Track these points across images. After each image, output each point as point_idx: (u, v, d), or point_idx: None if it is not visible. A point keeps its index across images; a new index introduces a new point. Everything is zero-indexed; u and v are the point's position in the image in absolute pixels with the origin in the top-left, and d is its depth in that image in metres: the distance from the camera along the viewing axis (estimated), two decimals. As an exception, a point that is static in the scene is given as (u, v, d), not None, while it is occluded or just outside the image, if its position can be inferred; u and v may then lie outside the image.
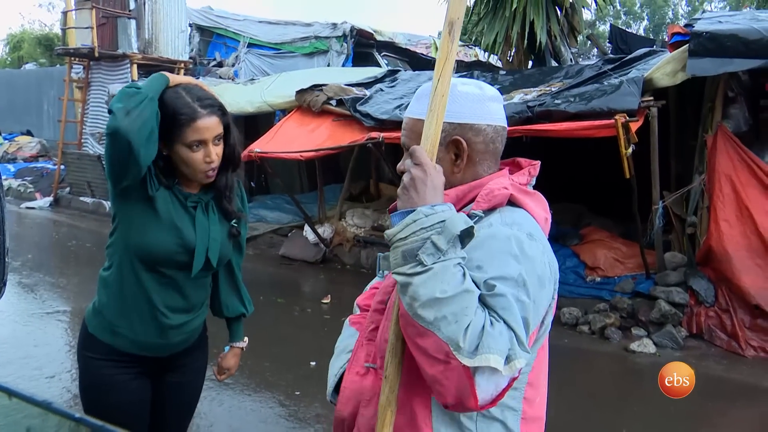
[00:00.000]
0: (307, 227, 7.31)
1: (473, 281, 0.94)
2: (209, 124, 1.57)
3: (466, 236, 0.94)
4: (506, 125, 1.16)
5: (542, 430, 1.15)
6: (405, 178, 1.00)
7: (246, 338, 1.96)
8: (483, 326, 0.90)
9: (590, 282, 5.54)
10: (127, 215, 1.63)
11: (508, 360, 0.90)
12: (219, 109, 1.61)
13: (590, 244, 5.88)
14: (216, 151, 1.60)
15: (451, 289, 0.91)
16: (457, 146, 1.10)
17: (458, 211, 1.04)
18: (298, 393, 3.72)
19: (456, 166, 1.12)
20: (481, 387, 0.90)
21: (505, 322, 0.91)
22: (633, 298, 5.11)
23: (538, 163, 1.17)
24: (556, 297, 1.09)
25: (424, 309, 0.91)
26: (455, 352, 0.89)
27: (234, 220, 1.76)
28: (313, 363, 4.08)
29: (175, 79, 1.62)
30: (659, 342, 4.64)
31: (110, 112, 1.46)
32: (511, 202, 1.07)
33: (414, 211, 0.95)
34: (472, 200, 1.09)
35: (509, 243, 0.98)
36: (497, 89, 1.17)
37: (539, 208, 1.11)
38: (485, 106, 1.11)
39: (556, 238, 6.10)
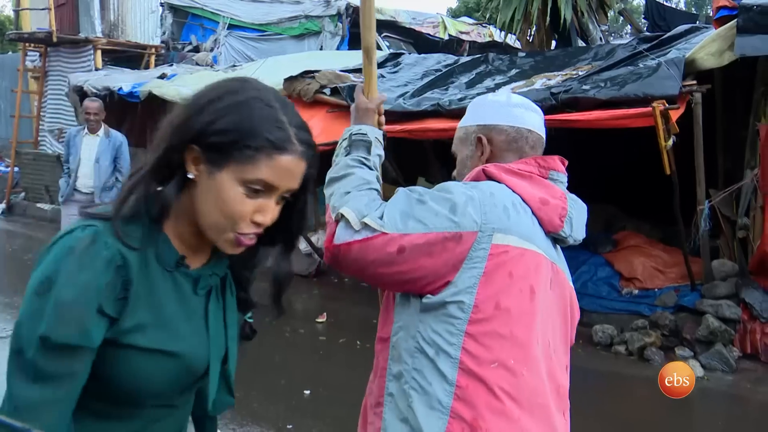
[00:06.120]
0: (298, 235, 7.31)
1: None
2: (295, 169, 1.09)
3: (360, 142, 1.49)
4: (535, 130, 1.48)
5: (501, 402, 1.23)
6: None
7: None
8: (360, 197, 1.35)
9: (626, 295, 5.53)
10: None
11: (361, 216, 1.30)
12: (313, 155, 1.13)
13: (626, 251, 5.88)
14: (274, 213, 1.11)
15: (339, 170, 1.44)
16: (480, 142, 1.48)
17: None
18: (290, 426, 3.72)
19: (479, 159, 1.48)
20: (338, 234, 1.31)
21: (384, 205, 1.32)
22: (676, 314, 5.10)
23: (548, 157, 1.46)
24: (487, 235, 1.28)
25: (326, 188, 1.44)
26: (331, 208, 1.38)
27: (249, 314, 1.40)
28: (307, 392, 4.08)
29: None
30: (708, 364, 4.62)
31: None
32: (498, 180, 1.38)
33: None
34: None
35: (441, 186, 1.35)
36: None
37: (535, 189, 1.37)
38: (508, 111, 1.48)
39: (585, 245, 6.10)
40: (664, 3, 12.93)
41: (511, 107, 1.48)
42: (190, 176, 1.07)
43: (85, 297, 1.00)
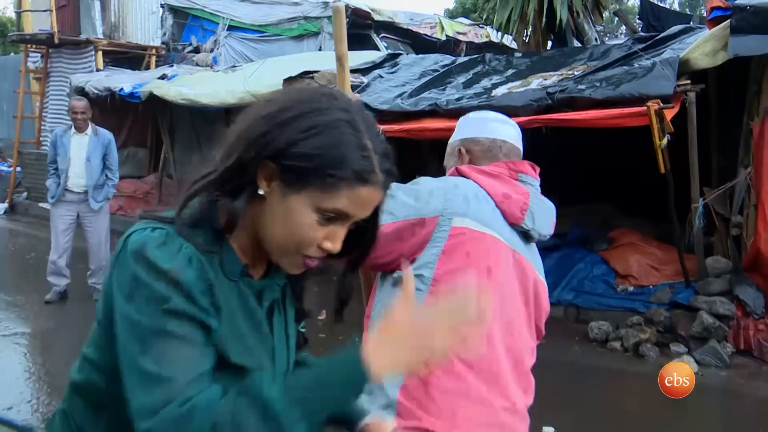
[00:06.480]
0: (298, 234, 7.31)
1: None
2: (373, 200, 1.03)
3: None
4: (509, 141, 1.65)
5: (451, 363, 1.37)
6: None
7: None
8: None
9: (622, 292, 5.54)
10: None
11: None
12: (391, 184, 1.07)
13: (621, 248, 5.88)
14: (342, 238, 1.05)
15: None
16: (460, 152, 1.67)
17: None
18: (290, 423, 3.72)
19: None
20: None
21: None
22: (671, 310, 5.11)
23: (518, 161, 1.63)
24: (447, 219, 1.46)
25: None
26: None
27: (303, 323, 1.33)
28: (306, 389, 4.07)
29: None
30: (702, 360, 4.63)
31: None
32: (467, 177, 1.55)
33: None
34: None
35: (413, 181, 1.54)
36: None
37: (501, 186, 1.54)
38: (485, 125, 1.68)
39: (582, 242, 6.11)
40: (659, 4, 12.94)
41: (488, 122, 1.68)
42: (260, 192, 0.98)
43: (178, 278, 0.91)
